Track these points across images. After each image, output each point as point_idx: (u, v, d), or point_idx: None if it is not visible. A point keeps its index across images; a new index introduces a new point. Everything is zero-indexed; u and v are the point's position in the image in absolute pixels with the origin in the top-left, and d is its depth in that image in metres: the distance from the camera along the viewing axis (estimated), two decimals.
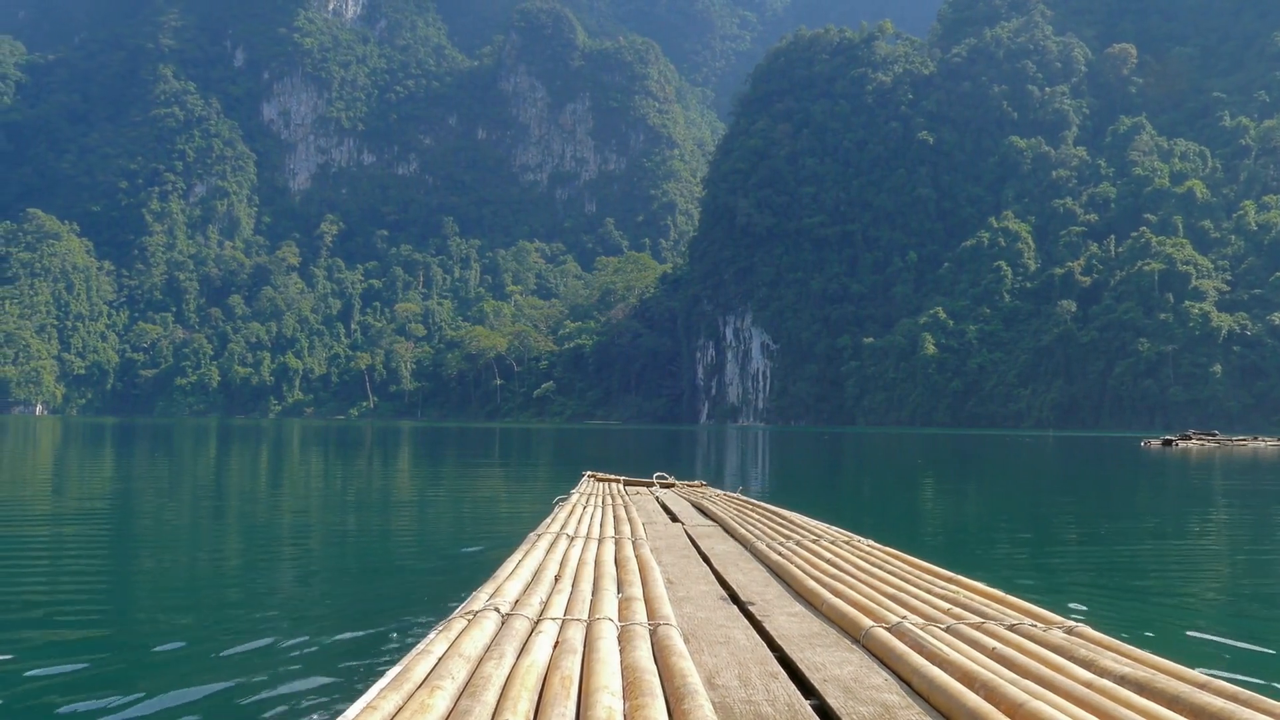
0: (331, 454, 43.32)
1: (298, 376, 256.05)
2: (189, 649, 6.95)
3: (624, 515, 8.38)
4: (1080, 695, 2.92)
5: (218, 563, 11.78)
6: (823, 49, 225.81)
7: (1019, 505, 21.42)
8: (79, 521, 15.61)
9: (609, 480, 13.73)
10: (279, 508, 19.11)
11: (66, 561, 11.52)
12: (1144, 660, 3.42)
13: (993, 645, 3.58)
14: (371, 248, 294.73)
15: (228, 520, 16.36)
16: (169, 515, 16.98)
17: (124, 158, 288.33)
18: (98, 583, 10.19)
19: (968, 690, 2.94)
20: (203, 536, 14.26)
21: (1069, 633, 3.86)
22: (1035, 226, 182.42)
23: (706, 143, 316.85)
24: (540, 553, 5.65)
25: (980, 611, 4.28)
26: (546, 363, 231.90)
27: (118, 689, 5.87)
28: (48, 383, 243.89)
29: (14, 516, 16.31)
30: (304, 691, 5.84)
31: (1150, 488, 27.64)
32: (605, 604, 4.08)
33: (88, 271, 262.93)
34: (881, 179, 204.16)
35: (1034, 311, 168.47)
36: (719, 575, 5.62)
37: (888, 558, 6.02)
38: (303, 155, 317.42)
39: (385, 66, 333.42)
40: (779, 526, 7.84)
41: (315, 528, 15.42)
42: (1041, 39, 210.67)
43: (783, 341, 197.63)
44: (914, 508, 20.29)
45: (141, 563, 11.77)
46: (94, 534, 14.21)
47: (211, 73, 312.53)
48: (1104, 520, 17.44)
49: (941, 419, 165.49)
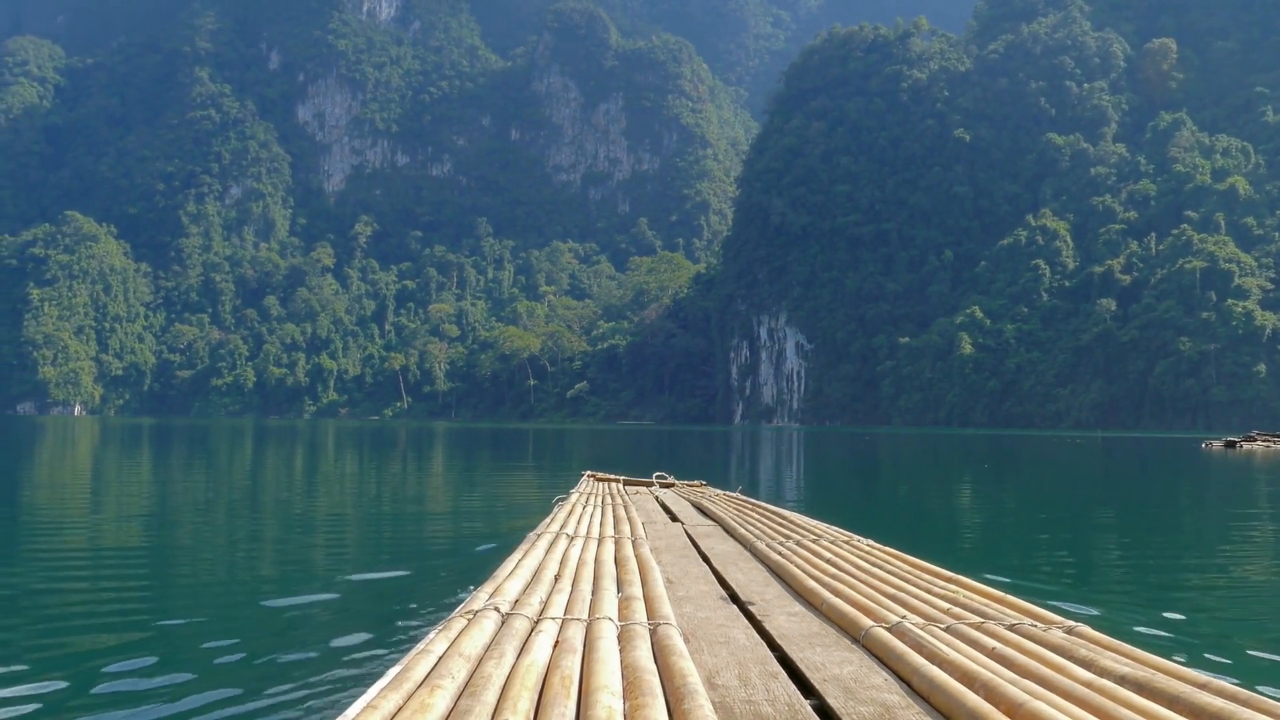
0: (356, 455, 42.93)
1: (332, 377, 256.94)
2: (189, 648, 7.00)
3: (624, 515, 8.44)
4: (1080, 695, 2.92)
5: (220, 562, 11.95)
6: (857, 46, 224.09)
7: (1107, 517, 19.31)
8: (102, 522, 16.02)
9: (609, 480, 13.82)
10: (291, 508, 19.14)
11: (74, 558, 11.83)
12: (1144, 660, 3.43)
13: (993, 645, 3.59)
14: (405, 248, 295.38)
15: (239, 519, 16.55)
16: (180, 515, 17.16)
17: (161, 160, 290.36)
18: (100, 577, 10.42)
19: (968, 690, 2.95)
20: (210, 535, 14.47)
21: (1069, 633, 3.87)
22: (1074, 224, 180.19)
23: (740, 142, 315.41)
24: (540, 552, 5.66)
25: (980, 611, 4.29)
26: (580, 363, 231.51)
27: (117, 688, 5.90)
28: (86, 384, 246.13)
29: (51, 517, 16.82)
30: (304, 691, 5.83)
31: (1234, 495, 25.83)
32: (605, 604, 4.09)
33: (125, 273, 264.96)
34: (917, 177, 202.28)
35: (1073, 310, 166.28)
36: (719, 575, 5.64)
37: (887, 558, 6.05)
38: (337, 157, 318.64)
39: (419, 68, 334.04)
40: (779, 526, 7.88)
41: (322, 528, 15.53)
42: (1079, 34, 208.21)
43: (817, 341, 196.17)
44: (990, 523, 17.94)
45: (146, 561, 11.92)
46: (107, 533, 14.53)
47: (247, 75, 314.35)
48: (1199, 540, 16.06)
49: (979, 419, 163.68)
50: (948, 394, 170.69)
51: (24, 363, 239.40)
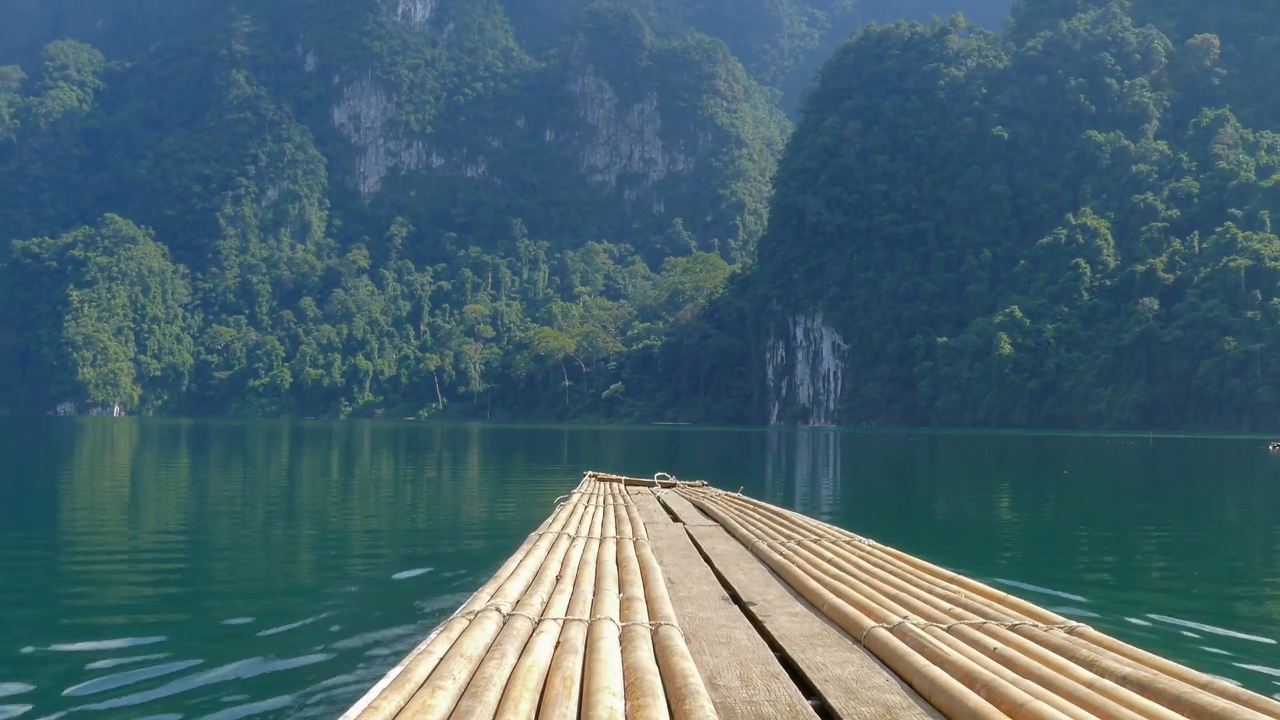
0: (390, 457, 42.65)
1: (368, 378, 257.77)
2: (189, 647, 7.00)
3: (625, 515, 8.41)
4: (1082, 696, 2.93)
5: (231, 561, 12.16)
6: (893, 44, 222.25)
7: (1210, 535, 17.15)
8: (124, 521, 16.43)
9: (610, 480, 13.81)
10: (311, 510, 19.28)
11: (90, 552, 12.39)
12: (1146, 660, 3.42)
13: (994, 645, 3.59)
14: (440, 250, 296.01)
15: (258, 521, 16.79)
16: (200, 514, 17.69)
17: (198, 162, 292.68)
18: (115, 573, 10.84)
19: (969, 690, 2.95)
20: (224, 535, 14.80)
21: (1070, 633, 3.86)
22: (1114, 223, 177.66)
23: (775, 142, 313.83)
24: (541, 553, 5.63)
25: (981, 612, 4.30)
26: (615, 364, 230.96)
27: (117, 688, 5.92)
28: (125, 384, 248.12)
29: (79, 517, 17.21)
30: (305, 691, 5.85)
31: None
32: (606, 604, 4.10)
33: (163, 275, 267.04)
34: (954, 175, 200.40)
35: (1114, 310, 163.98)
36: (720, 575, 5.64)
37: (889, 558, 6.01)
38: (372, 158, 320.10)
39: (453, 69, 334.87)
40: (780, 526, 7.85)
41: (338, 530, 15.67)
42: (1120, 30, 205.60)
43: (854, 341, 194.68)
44: (1080, 539, 15.76)
45: (159, 559, 12.23)
46: (123, 531, 14.97)
47: (283, 78, 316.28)
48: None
49: (1018, 420, 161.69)
50: (986, 394, 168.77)
51: (64, 364, 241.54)
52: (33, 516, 16.82)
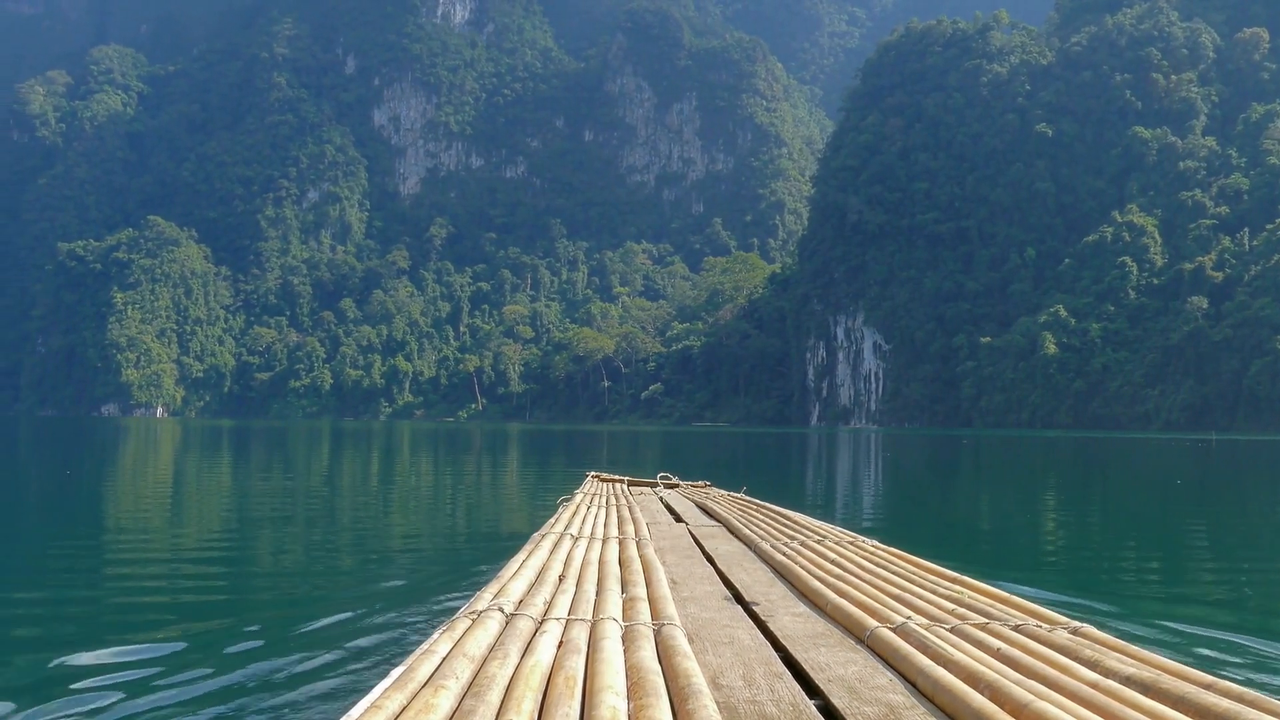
0: (430, 458, 42.05)
1: (408, 379, 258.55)
2: (191, 646, 7.01)
3: (628, 515, 8.34)
4: (1085, 696, 2.93)
5: (231, 560, 12.23)
6: (935, 41, 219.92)
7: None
8: (147, 522, 16.59)
9: (613, 480, 13.77)
10: (336, 510, 19.24)
11: (105, 554, 12.57)
12: (1149, 661, 3.41)
13: (997, 645, 3.59)
14: (480, 250, 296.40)
15: (279, 522, 16.73)
16: (223, 514, 17.75)
17: (240, 165, 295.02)
18: (130, 575, 10.95)
19: (972, 690, 2.95)
20: (242, 535, 14.99)
21: (1074, 633, 3.86)
22: (1162, 220, 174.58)
23: (815, 141, 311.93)
24: (544, 553, 5.66)
25: (985, 612, 4.30)
26: (654, 364, 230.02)
27: (118, 687, 5.93)
28: (168, 386, 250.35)
29: (107, 518, 17.43)
30: (307, 691, 5.86)
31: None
32: (609, 604, 4.11)
33: (205, 277, 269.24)
34: (998, 173, 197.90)
35: (1162, 309, 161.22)
36: (723, 575, 5.65)
37: (892, 558, 5.98)
38: (412, 160, 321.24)
39: (493, 70, 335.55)
40: (783, 527, 7.79)
41: (344, 529, 15.74)
42: (1166, 25, 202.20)
43: (895, 341, 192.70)
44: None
45: (172, 557, 12.44)
46: (139, 533, 15.11)
47: (324, 80, 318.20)
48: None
49: (1063, 421, 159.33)
50: (1030, 395, 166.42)
51: (108, 365, 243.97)
52: (73, 517, 17.21)
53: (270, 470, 31.67)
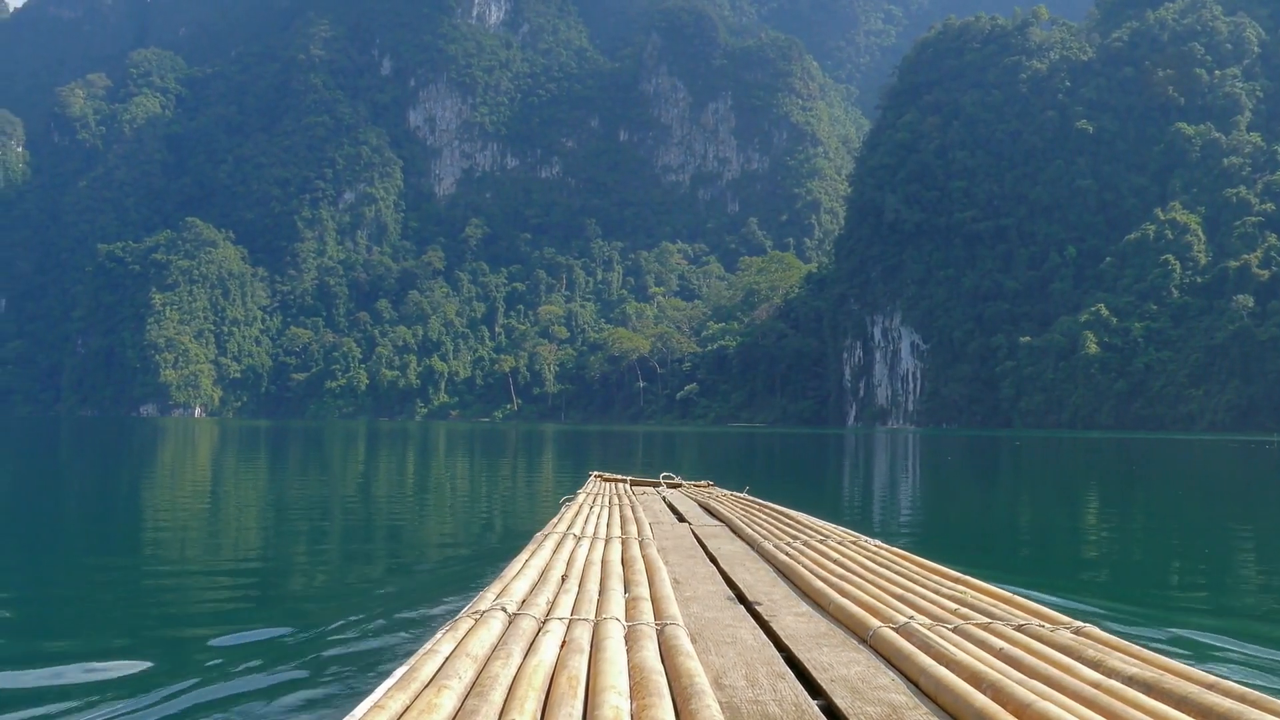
0: (466, 459, 41.50)
1: (443, 379, 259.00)
2: (192, 646, 7.03)
3: (630, 515, 8.33)
4: (1088, 696, 2.93)
5: (234, 560, 12.24)
6: (973, 38, 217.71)
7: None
8: (167, 522, 16.53)
9: (615, 480, 13.68)
10: (359, 511, 19.12)
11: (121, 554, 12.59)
12: (1152, 661, 3.41)
13: (1000, 645, 3.58)
14: (515, 251, 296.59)
15: (279, 517, 17.06)
16: (244, 515, 17.78)
17: (277, 166, 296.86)
18: (140, 574, 10.93)
19: (975, 690, 2.95)
20: (244, 531, 15.21)
21: (1076, 633, 3.85)
22: (1205, 218, 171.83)
23: (851, 140, 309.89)
24: (547, 553, 5.68)
25: (988, 612, 4.30)
26: (690, 364, 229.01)
27: (120, 687, 5.95)
28: (206, 386, 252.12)
29: (131, 518, 17.43)
30: (310, 691, 5.89)
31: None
32: (612, 604, 4.12)
33: (243, 277, 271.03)
34: (1037, 171, 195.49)
35: (1206, 307, 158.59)
36: (726, 575, 5.66)
37: (895, 558, 6.00)
38: (448, 160, 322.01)
39: (528, 70, 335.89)
40: (786, 526, 7.75)
41: (354, 529, 15.58)
42: (1210, 20, 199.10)
43: (933, 341, 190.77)
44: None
45: (168, 557, 12.43)
46: (153, 532, 14.93)
47: (360, 81, 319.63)
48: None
49: (1105, 421, 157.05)
50: (1071, 395, 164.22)
51: (147, 366, 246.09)
52: (106, 515, 17.61)
53: (295, 473, 31.32)
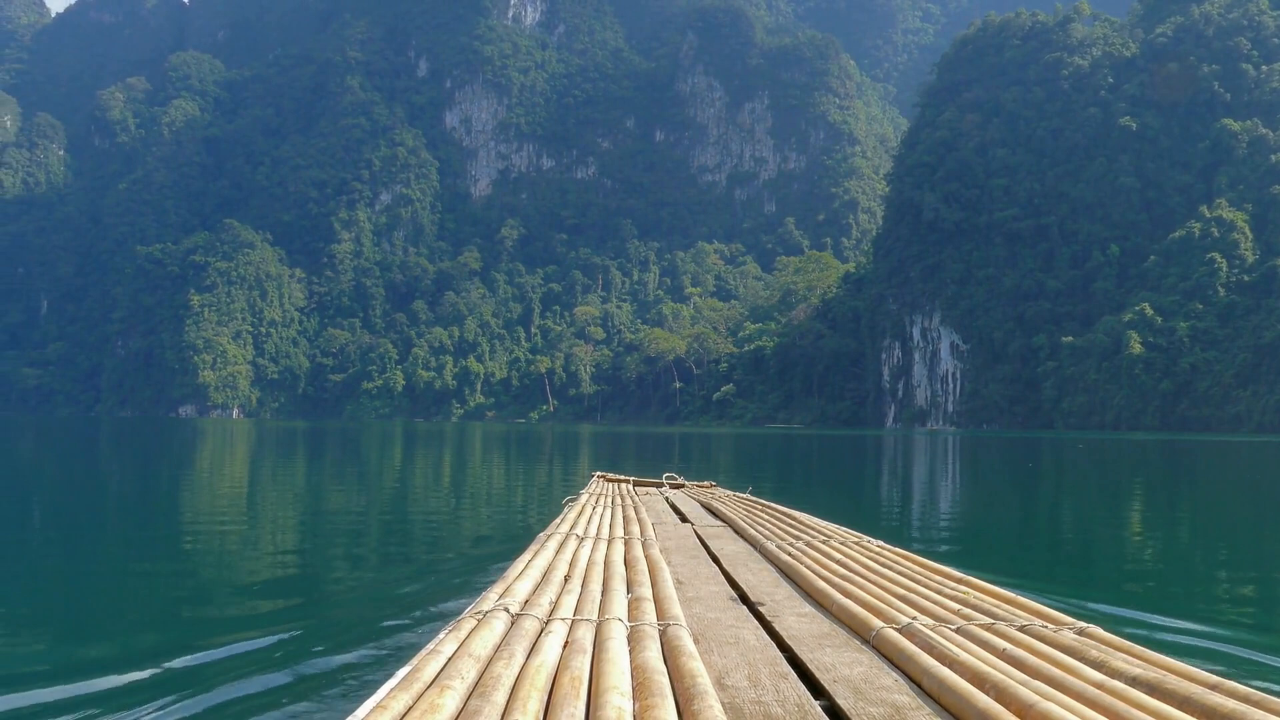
0: (501, 460, 40.75)
1: (479, 380, 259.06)
2: (194, 645, 7.06)
3: (633, 516, 8.28)
4: (1091, 696, 2.93)
5: (246, 558, 12.27)
6: (1014, 34, 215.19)
7: None
8: (180, 520, 16.67)
9: (618, 481, 13.58)
10: (383, 511, 18.99)
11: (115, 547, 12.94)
12: (1155, 661, 3.42)
13: (1003, 646, 3.59)
14: (551, 251, 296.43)
15: (302, 521, 16.89)
16: (263, 513, 17.82)
17: (314, 168, 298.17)
18: (144, 570, 11.11)
19: (978, 691, 2.95)
20: (249, 529, 15.22)
21: (1080, 634, 3.85)
22: (1252, 215, 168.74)
23: (889, 139, 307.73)
24: (550, 553, 5.69)
25: (990, 612, 4.31)
26: (726, 365, 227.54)
27: (122, 687, 5.97)
28: (243, 387, 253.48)
29: (153, 517, 17.72)
30: (313, 691, 5.92)
31: None
32: (615, 604, 4.12)
33: (280, 279, 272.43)
34: (1079, 169, 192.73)
35: (1253, 306, 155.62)
36: (728, 576, 5.67)
37: (897, 558, 6.00)
38: (483, 161, 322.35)
39: (564, 71, 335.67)
40: (788, 527, 7.76)
41: (366, 530, 15.53)
42: (1256, 14, 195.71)
43: (973, 341, 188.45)
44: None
45: (171, 555, 12.52)
46: (167, 530, 15.15)
47: (396, 83, 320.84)
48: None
49: (1149, 423, 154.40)
50: (1115, 396, 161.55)
51: (185, 367, 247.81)
52: (144, 517, 17.80)
53: (329, 476, 30.76)
